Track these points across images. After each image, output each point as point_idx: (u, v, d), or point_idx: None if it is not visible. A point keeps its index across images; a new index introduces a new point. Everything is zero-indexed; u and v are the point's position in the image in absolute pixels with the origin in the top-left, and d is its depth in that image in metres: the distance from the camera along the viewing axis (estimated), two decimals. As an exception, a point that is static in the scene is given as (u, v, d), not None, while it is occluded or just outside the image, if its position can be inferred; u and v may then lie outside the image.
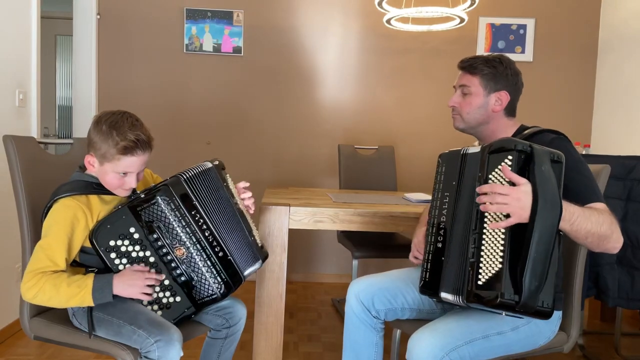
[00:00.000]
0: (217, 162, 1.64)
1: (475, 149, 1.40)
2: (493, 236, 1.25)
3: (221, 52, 3.63)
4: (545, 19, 3.73)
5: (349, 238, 2.82)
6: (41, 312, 1.56)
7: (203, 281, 1.47)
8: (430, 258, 1.47)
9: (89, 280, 1.36)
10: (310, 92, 3.72)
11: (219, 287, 1.48)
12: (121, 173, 1.43)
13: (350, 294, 1.69)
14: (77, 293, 1.35)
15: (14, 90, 2.53)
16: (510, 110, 1.59)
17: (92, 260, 1.45)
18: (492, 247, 1.25)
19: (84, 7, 3.50)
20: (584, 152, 2.90)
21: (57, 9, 4.44)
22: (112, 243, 1.42)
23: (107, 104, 3.59)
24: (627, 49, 3.46)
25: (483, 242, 1.26)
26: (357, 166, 3.25)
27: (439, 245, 1.44)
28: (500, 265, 1.22)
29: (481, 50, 3.70)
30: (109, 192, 1.48)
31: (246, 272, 1.55)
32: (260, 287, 2.01)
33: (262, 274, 1.99)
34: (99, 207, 1.46)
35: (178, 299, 1.46)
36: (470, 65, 1.57)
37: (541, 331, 1.46)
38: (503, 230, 1.23)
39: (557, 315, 1.50)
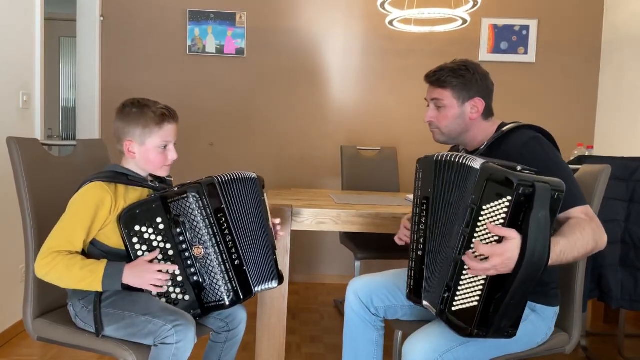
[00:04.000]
0: (259, 177, 1.67)
1: (456, 155, 1.35)
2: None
3: (224, 54, 3.64)
4: (548, 20, 3.73)
5: (352, 239, 2.82)
6: (44, 313, 1.57)
7: (214, 284, 1.47)
8: (413, 266, 1.48)
9: (101, 266, 1.39)
10: (313, 93, 3.72)
11: (228, 294, 1.47)
12: (162, 147, 1.51)
13: (349, 292, 1.70)
14: (88, 277, 1.37)
15: (17, 92, 2.54)
16: (488, 113, 1.57)
17: (97, 255, 1.46)
18: (471, 282, 1.23)
19: (88, 9, 3.52)
20: (587, 154, 2.90)
21: (60, 10, 4.45)
22: (137, 228, 1.45)
23: (110, 105, 3.60)
24: (630, 50, 3.45)
25: (464, 272, 1.24)
26: (360, 167, 3.26)
27: (420, 253, 1.45)
28: (475, 303, 1.22)
29: (484, 51, 3.70)
30: (138, 184, 1.52)
31: (257, 288, 1.55)
32: (263, 288, 2.01)
33: (265, 275, 2.00)
34: (123, 197, 1.48)
35: (187, 297, 1.47)
36: (437, 80, 1.54)
37: (537, 329, 1.46)
38: None
39: (554, 311, 1.49)
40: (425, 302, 1.43)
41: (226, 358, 1.66)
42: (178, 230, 1.45)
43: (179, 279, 1.47)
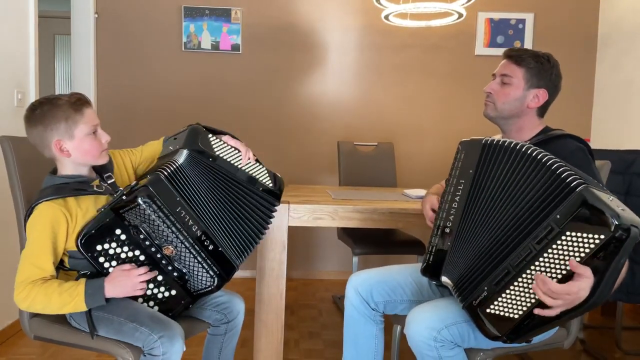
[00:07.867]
0: (195, 127, 1.60)
1: (510, 141, 1.32)
2: (528, 290, 1.20)
3: (219, 50, 3.63)
4: (544, 13, 3.72)
5: (349, 235, 2.82)
6: (41, 311, 1.56)
7: (196, 275, 1.47)
8: (436, 242, 1.48)
9: (80, 287, 1.35)
10: (309, 89, 3.72)
11: (212, 280, 1.49)
12: (92, 132, 1.41)
13: (349, 287, 1.71)
14: (70, 301, 1.34)
15: (12, 90, 2.53)
16: (543, 111, 1.58)
17: (81, 265, 1.43)
18: (520, 296, 1.21)
19: (82, 6, 3.50)
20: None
21: (55, 8, 4.44)
22: (99, 247, 1.38)
23: (105, 102, 3.59)
24: (626, 43, 3.45)
25: (516, 283, 1.22)
26: (357, 163, 3.25)
27: (447, 230, 1.45)
28: (516, 316, 1.22)
29: (480, 45, 3.69)
30: (82, 192, 1.42)
31: (239, 260, 1.56)
32: (261, 285, 2.02)
33: (262, 272, 1.99)
34: (76, 208, 1.42)
35: (173, 292, 1.47)
36: (518, 56, 1.55)
37: None
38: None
39: None
40: (444, 278, 1.43)
41: (227, 349, 1.67)
42: (141, 236, 1.40)
43: (159, 278, 1.45)
